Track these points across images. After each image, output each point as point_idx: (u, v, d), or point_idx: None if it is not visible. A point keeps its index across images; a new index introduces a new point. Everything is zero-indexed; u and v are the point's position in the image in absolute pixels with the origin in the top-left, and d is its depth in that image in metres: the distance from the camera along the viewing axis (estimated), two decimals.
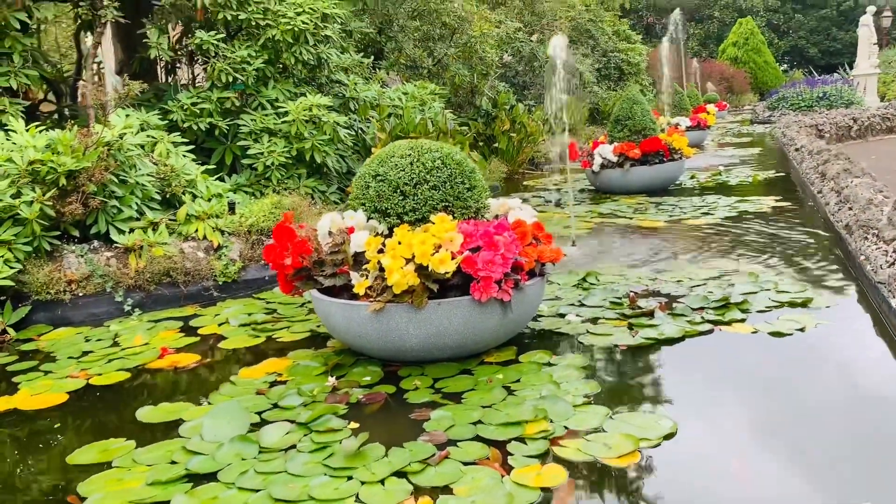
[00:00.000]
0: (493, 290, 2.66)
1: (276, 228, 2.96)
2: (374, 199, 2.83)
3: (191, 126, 5.55)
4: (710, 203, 6.26)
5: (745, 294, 3.46)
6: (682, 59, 16.69)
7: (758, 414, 2.28)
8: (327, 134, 5.77)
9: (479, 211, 2.93)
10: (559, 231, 5.24)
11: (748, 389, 2.46)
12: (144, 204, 4.42)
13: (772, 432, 2.15)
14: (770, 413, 2.27)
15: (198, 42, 5.56)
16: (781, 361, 2.67)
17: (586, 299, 3.57)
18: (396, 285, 2.59)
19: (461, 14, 10.18)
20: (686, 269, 4.02)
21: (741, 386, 2.49)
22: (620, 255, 4.53)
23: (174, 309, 3.99)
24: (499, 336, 2.83)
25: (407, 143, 2.93)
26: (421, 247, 2.58)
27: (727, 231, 5.03)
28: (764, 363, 2.66)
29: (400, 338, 2.70)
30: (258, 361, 3.05)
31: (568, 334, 3.09)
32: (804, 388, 2.44)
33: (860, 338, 2.87)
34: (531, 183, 9.11)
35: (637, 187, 7.18)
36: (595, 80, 18.74)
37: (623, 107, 7.42)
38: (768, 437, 2.13)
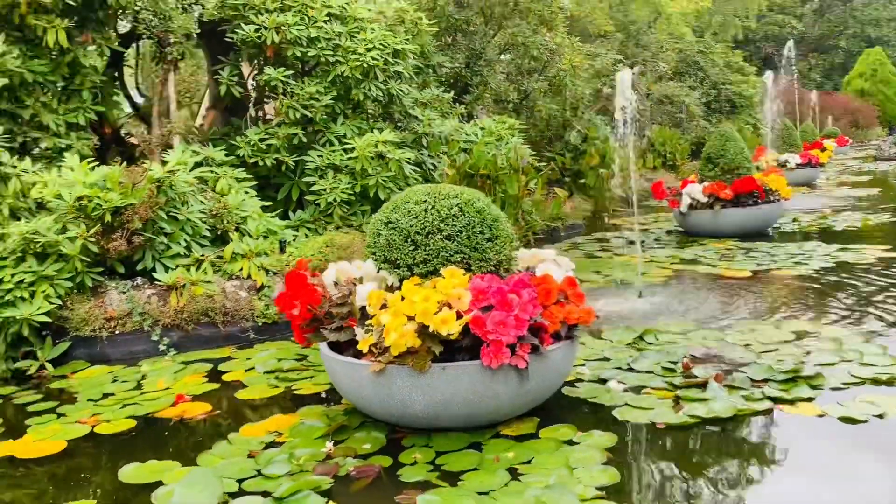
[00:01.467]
0: (505, 356, 2.36)
1: (287, 276, 2.79)
2: (385, 249, 2.60)
3: (257, 161, 5.55)
4: (806, 251, 5.67)
5: (821, 365, 2.99)
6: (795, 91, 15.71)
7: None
8: (392, 170, 5.63)
9: (500, 264, 2.65)
10: (631, 278, 4.84)
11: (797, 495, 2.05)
12: (194, 241, 4.39)
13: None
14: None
15: (266, 79, 5.56)
16: (847, 456, 2.23)
17: (636, 362, 3.19)
18: (394, 346, 2.34)
19: (551, 47, 9.91)
20: (760, 330, 3.57)
21: (787, 489, 2.08)
22: (690, 310, 4.10)
23: (210, 350, 3.89)
24: (516, 406, 2.52)
25: (425, 188, 2.70)
26: (423, 304, 2.33)
27: (819, 285, 4.49)
28: (824, 457, 2.23)
29: (403, 403, 2.45)
30: (267, 416, 2.86)
31: (603, 405, 2.74)
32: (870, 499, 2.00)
33: None
34: (618, 222, 8.68)
35: (728, 230, 6.64)
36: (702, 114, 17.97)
37: (715, 144, 6.93)
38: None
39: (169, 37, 5.02)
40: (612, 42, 14.67)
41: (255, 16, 5.57)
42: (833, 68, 36.10)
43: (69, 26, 4.54)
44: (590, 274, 5.38)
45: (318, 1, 5.84)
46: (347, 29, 5.89)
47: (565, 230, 7.84)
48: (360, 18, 5.97)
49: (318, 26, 5.69)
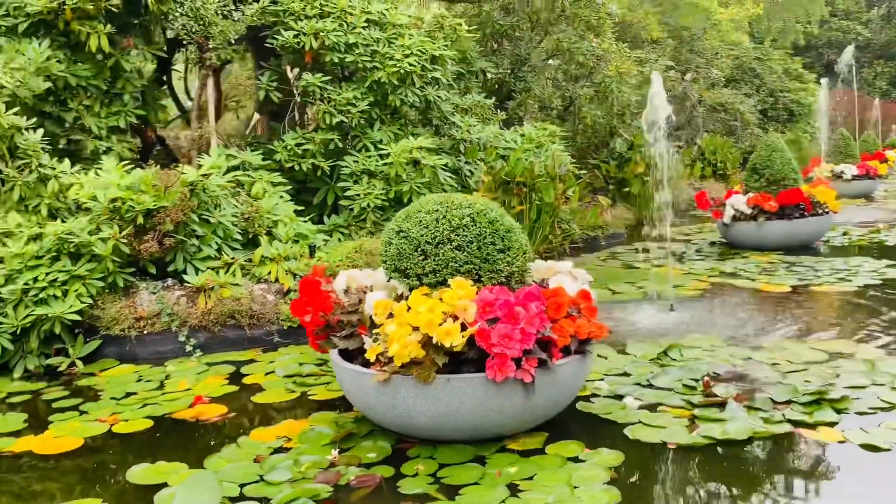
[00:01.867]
0: (510, 370, 2.33)
1: (302, 282, 2.80)
2: (395, 258, 2.59)
3: (293, 166, 5.61)
4: (852, 266, 5.47)
5: (849, 388, 2.87)
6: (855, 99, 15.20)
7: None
8: (427, 176, 5.64)
9: (511, 275, 2.61)
10: (666, 291, 4.74)
11: None
12: (226, 243, 4.45)
13: None
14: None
15: (304, 84, 5.62)
16: (861, 486, 2.13)
17: (657, 378, 3.12)
18: (397, 356, 2.33)
19: (598, 53, 9.80)
20: (790, 349, 3.45)
21: None
22: (721, 326, 3.98)
23: (236, 352, 3.94)
24: (523, 420, 2.48)
25: (438, 197, 2.68)
26: (428, 315, 2.31)
27: (860, 303, 4.32)
28: (835, 487, 2.13)
29: (407, 413, 2.43)
30: (279, 421, 2.88)
31: (616, 422, 2.68)
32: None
33: None
34: (662, 231, 8.50)
35: (773, 244, 6.45)
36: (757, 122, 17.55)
37: (761, 154, 6.75)
38: None
39: (208, 42, 5.11)
40: (663, 48, 14.42)
41: (294, 22, 5.64)
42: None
43: (111, 32, 4.66)
44: (624, 285, 5.29)
45: (358, 7, 5.88)
46: (386, 35, 5.92)
47: (606, 239, 7.73)
48: (398, 25, 6.00)
49: (356, 32, 5.73)
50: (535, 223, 6.22)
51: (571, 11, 9.67)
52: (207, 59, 5.14)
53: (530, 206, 6.17)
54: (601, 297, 4.85)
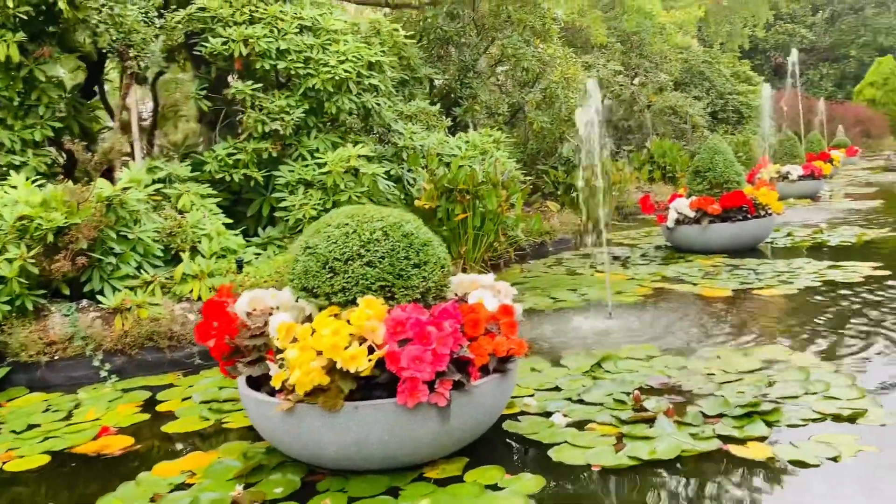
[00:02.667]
0: (422, 394, 2.18)
1: (206, 304, 2.62)
2: (302, 276, 2.43)
3: (224, 177, 5.41)
4: (795, 268, 5.45)
5: (782, 398, 2.79)
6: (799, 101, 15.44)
7: None
8: (366, 185, 5.48)
9: (428, 291, 2.47)
10: (608, 298, 4.65)
11: None
12: (146, 261, 4.24)
13: None
14: None
15: (234, 91, 5.43)
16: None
17: (588, 392, 3.00)
18: (298, 384, 2.17)
19: (544, 59, 9.76)
20: (727, 357, 3.36)
21: None
22: (659, 334, 3.90)
23: (155, 376, 3.73)
24: (440, 446, 2.34)
25: (349, 209, 2.53)
26: (332, 338, 2.16)
27: (799, 306, 4.28)
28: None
29: (315, 444, 2.27)
30: (187, 452, 2.70)
31: (541, 443, 2.55)
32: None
33: None
34: (611, 236, 8.47)
35: (717, 246, 6.42)
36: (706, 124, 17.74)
37: (703, 157, 6.73)
38: None
39: (129, 50, 4.89)
40: (612, 52, 14.47)
41: (222, 28, 5.45)
42: (845, 77, 35.69)
43: (22, 40, 4.41)
44: (566, 292, 5.19)
45: (289, 13, 5.71)
46: (320, 41, 5.75)
47: (553, 245, 7.65)
48: (332, 30, 5.83)
49: (287, 38, 5.56)
50: (478, 231, 6.11)
51: (517, 17, 9.60)
52: (129, 68, 4.90)
53: (474, 214, 6.06)
54: (543, 306, 4.76)
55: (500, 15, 9.59)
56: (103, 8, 4.70)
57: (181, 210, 4.84)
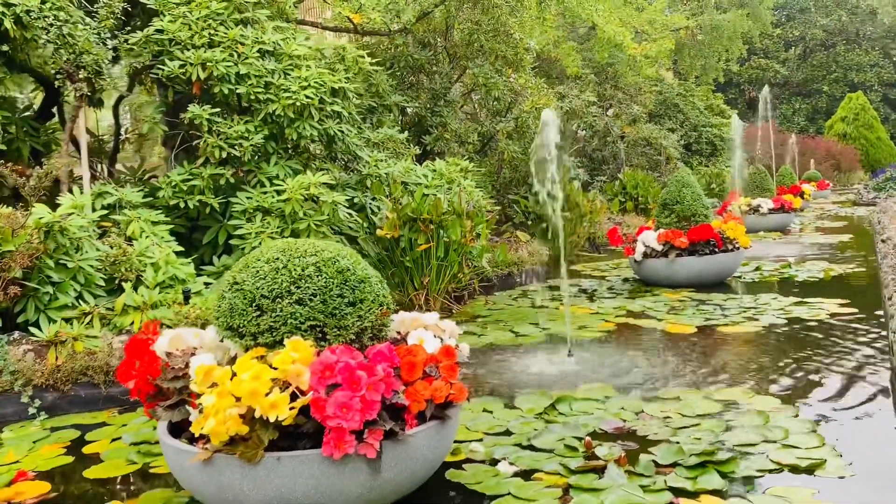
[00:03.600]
0: (349, 445, 2.03)
1: (129, 342, 2.45)
2: (227, 314, 2.28)
3: (178, 204, 5.24)
4: (761, 304, 5.37)
5: (739, 446, 2.66)
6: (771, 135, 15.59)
7: None
8: (325, 213, 5.33)
9: (364, 332, 2.32)
10: (569, 334, 4.52)
11: None
12: (88, 290, 4.05)
13: None
14: None
15: (191, 116, 5.28)
16: None
17: (539, 437, 2.85)
18: (213, 434, 2.00)
19: (515, 88, 9.73)
20: (686, 400, 3.24)
21: None
22: (619, 373, 3.77)
23: (89, 413, 3.54)
24: (370, 500, 2.17)
25: (282, 243, 2.38)
26: (252, 383, 2.00)
27: (763, 345, 4.18)
28: None
29: (235, 497, 2.10)
30: (106, 501, 2.50)
31: (484, 495, 2.39)
32: None
33: None
34: (579, 268, 8.38)
35: (684, 280, 6.34)
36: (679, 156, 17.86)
37: (671, 190, 6.67)
38: None
39: (79, 72, 4.73)
40: (586, 83, 14.53)
41: (180, 51, 5.31)
42: (817, 112, 36.32)
43: None
44: (529, 327, 5.06)
45: (250, 37, 5.59)
46: (281, 66, 5.63)
47: (521, 276, 7.54)
48: (295, 56, 5.72)
49: (248, 63, 5.43)
50: (442, 261, 5.97)
51: (489, 46, 9.57)
52: (79, 90, 4.74)
53: (437, 244, 5.93)
54: (503, 340, 4.62)
55: (473, 44, 9.55)
56: (51, 28, 4.55)
57: (130, 237, 4.67)
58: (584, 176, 13.44)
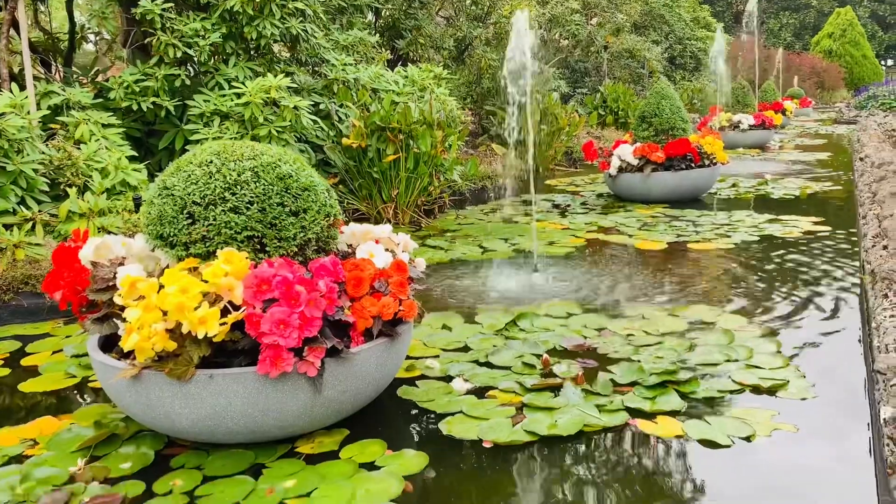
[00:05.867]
0: (287, 364, 1.90)
1: (55, 251, 2.28)
2: (157, 222, 2.10)
3: (131, 107, 4.96)
4: (735, 221, 5.27)
5: (701, 365, 2.58)
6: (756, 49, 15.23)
7: None
8: (287, 119, 5.08)
9: (307, 244, 2.16)
10: (536, 250, 4.40)
11: None
12: (31, 196, 3.83)
13: None
14: None
15: (142, 11, 4.93)
16: (689, 498, 1.81)
17: (497, 354, 2.76)
18: (138, 350, 1.86)
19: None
20: (650, 317, 3.15)
21: None
22: (584, 289, 3.67)
23: (32, 324, 3.39)
24: (313, 419, 2.06)
25: (216, 145, 2.18)
26: (179, 297, 1.84)
27: (734, 262, 4.09)
28: (666, 497, 1.81)
29: (166, 415, 1.98)
30: (37, 416, 2.38)
31: (434, 412, 2.30)
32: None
33: (824, 470, 1.96)
34: (554, 182, 8.22)
35: (659, 196, 6.21)
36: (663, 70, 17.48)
37: (650, 102, 6.45)
38: None
39: None
40: None
41: None
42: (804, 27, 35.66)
43: None
44: (497, 242, 4.93)
45: None
46: None
47: (495, 190, 7.36)
48: None
49: None
50: (412, 173, 5.77)
51: None
52: None
53: (407, 155, 5.71)
54: (470, 256, 4.49)
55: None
56: None
57: (79, 140, 4.41)
58: (564, 87, 13.09)
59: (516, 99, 4.53)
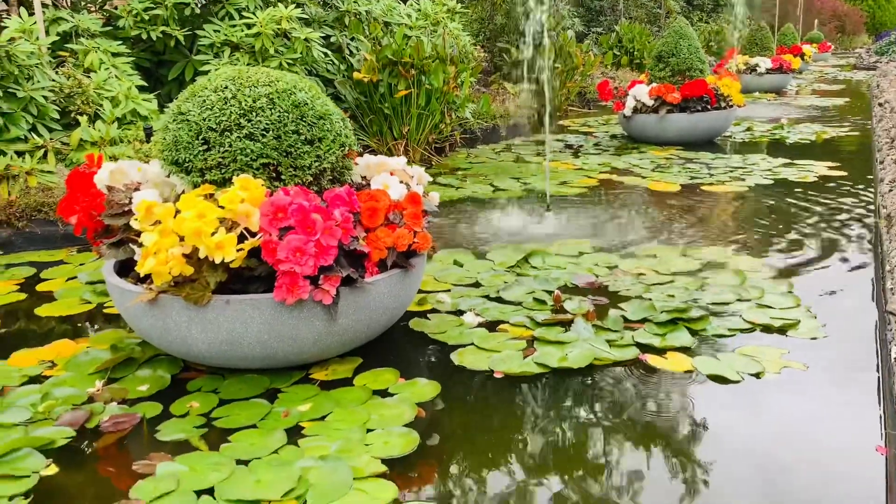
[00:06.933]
0: (303, 291, 1.91)
1: (70, 175, 2.28)
2: (172, 148, 2.09)
3: (141, 35, 4.88)
4: (749, 164, 5.22)
5: (712, 304, 2.59)
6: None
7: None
8: (298, 51, 5.01)
9: (322, 173, 2.15)
10: (548, 189, 4.37)
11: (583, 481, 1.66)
12: (42, 124, 3.81)
13: None
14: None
15: None
16: (697, 433, 1.84)
17: (508, 290, 2.77)
18: (155, 274, 1.87)
19: None
20: (662, 257, 3.15)
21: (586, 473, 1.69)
22: (596, 229, 3.66)
23: (46, 251, 3.41)
24: (327, 347, 2.09)
25: (231, 70, 2.16)
26: (195, 222, 1.84)
27: (747, 205, 4.06)
28: (670, 430, 1.84)
29: (182, 340, 2.00)
30: (55, 339, 2.42)
31: (446, 344, 2.32)
32: None
33: (832, 406, 1.98)
34: (567, 123, 8.12)
35: (674, 137, 6.14)
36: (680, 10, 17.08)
37: (668, 41, 6.32)
38: None
39: None
40: None
41: None
42: None
43: None
44: (509, 181, 4.90)
45: None
46: None
47: (507, 129, 7.28)
48: None
49: None
50: (423, 110, 5.70)
51: None
52: None
53: (419, 91, 5.63)
54: (481, 194, 4.48)
55: None
56: None
57: (88, 69, 4.36)
58: (579, 26, 12.82)
59: (530, 36, 4.42)
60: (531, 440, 1.79)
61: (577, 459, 1.69)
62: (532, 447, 1.75)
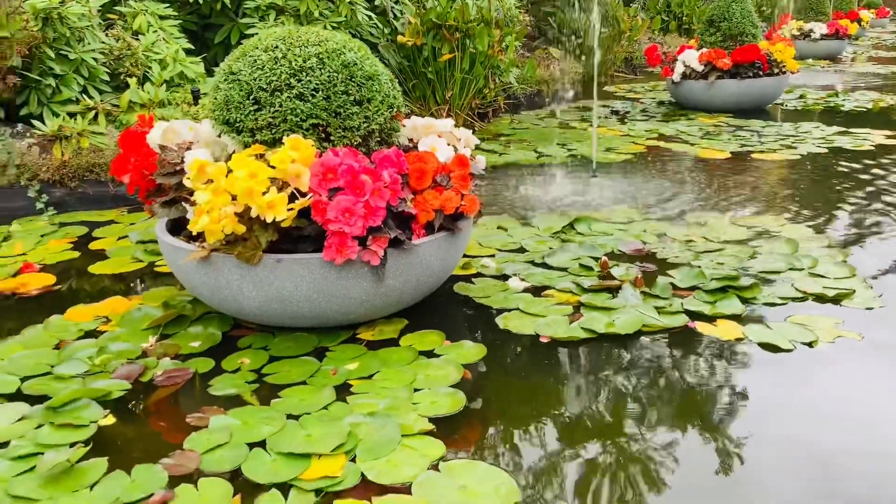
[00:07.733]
0: (352, 251, 1.92)
1: (123, 134, 2.31)
2: (223, 107, 2.10)
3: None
4: (801, 132, 5.08)
5: (763, 273, 2.54)
6: None
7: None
8: (343, 15, 4.99)
9: (370, 135, 2.15)
10: (594, 155, 4.31)
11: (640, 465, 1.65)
12: (92, 85, 3.86)
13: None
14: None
15: None
16: (746, 404, 1.81)
17: (553, 256, 2.75)
18: (208, 232, 1.89)
19: None
20: (712, 225, 3.09)
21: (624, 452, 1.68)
22: (644, 196, 3.61)
23: (97, 211, 3.48)
24: (375, 307, 2.10)
25: (281, 30, 2.15)
26: (247, 181, 1.86)
27: (800, 173, 3.96)
28: (717, 398, 1.81)
29: (234, 298, 2.03)
30: (108, 296, 2.48)
31: (491, 308, 2.32)
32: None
33: (888, 376, 1.93)
34: (613, 89, 7.98)
35: (722, 104, 5.99)
36: None
37: (720, 5, 6.13)
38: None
39: None
40: None
41: None
42: None
43: None
44: (554, 147, 4.84)
45: None
46: None
47: (551, 95, 7.19)
48: None
49: None
50: (467, 74, 5.64)
51: None
52: None
53: (463, 55, 5.57)
54: (525, 160, 4.44)
55: None
56: None
57: (136, 31, 4.40)
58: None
59: None
60: (576, 405, 1.78)
61: (619, 426, 1.69)
62: (577, 412, 1.75)
